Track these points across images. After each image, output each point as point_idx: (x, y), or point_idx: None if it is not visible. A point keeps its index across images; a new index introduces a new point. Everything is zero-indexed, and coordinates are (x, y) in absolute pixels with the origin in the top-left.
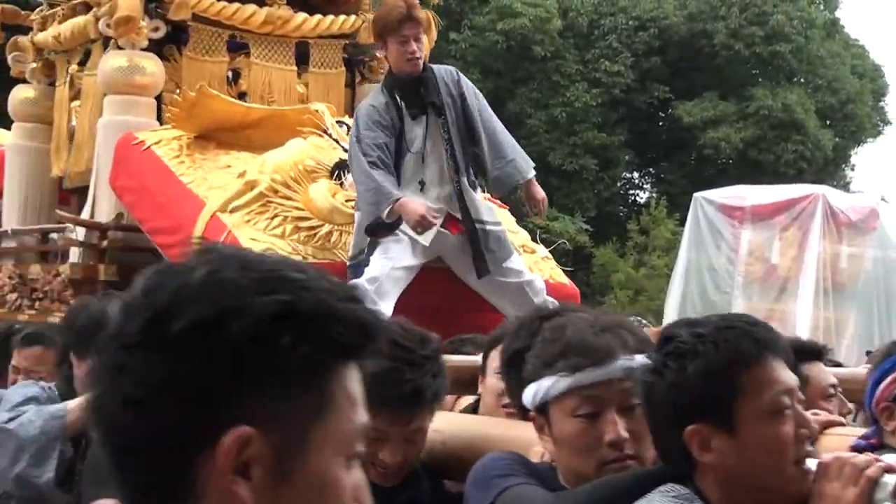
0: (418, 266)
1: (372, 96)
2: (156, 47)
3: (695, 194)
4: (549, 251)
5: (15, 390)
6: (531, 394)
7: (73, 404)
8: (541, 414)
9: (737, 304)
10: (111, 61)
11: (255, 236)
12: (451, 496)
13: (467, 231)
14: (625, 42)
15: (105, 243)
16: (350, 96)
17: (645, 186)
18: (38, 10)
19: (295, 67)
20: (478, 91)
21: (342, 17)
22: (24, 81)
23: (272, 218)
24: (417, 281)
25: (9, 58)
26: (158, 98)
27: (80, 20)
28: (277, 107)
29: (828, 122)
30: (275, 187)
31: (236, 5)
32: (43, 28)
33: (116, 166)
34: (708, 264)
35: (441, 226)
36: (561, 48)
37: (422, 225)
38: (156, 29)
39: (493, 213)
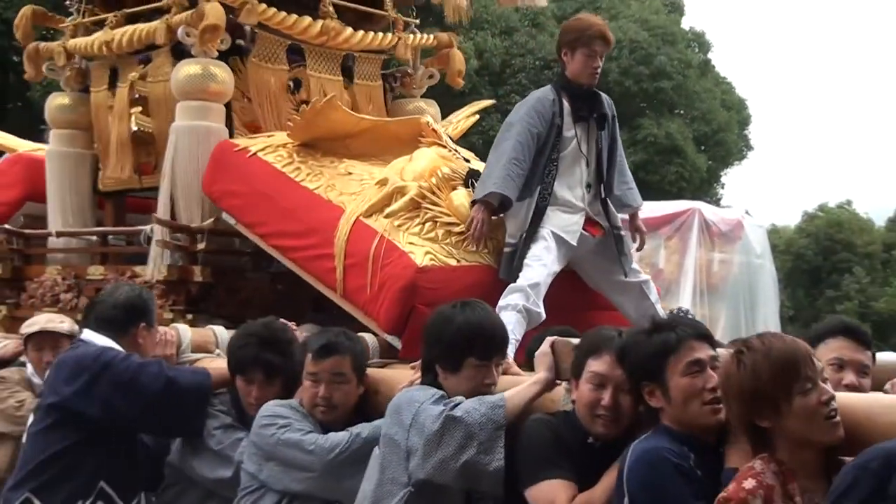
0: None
1: (542, 91)
2: (221, 57)
3: None
4: None
5: (420, 392)
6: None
7: (510, 394)
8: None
9: None
10: (185, 69)
11: (412, 240)
12: None
13: (612, 235)
14: (532, 79)
15: (201, 246)
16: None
17: None
18: (71, 18)
19: (341, 78)
20: None
21: (381, 34)
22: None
23: (424, 223)
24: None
25: (27, 61)
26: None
27: (145, 27)
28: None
29: (702, 148)
30: (424, 194)
31: (295, 16)
32: (75, 35)
33: (214, 172)
34: None
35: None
36: (477, 84)
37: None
38: (222, 41)
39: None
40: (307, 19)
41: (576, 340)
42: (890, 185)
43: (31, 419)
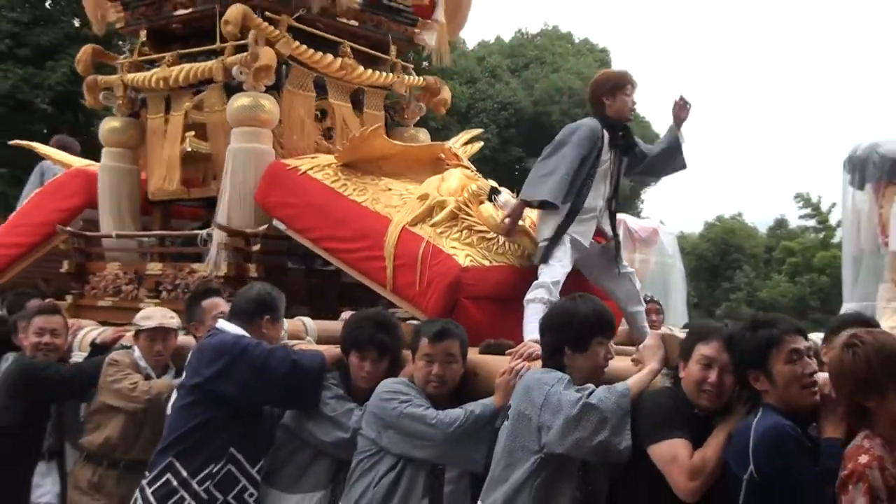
0: None
1: (592, 122)
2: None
3: None
4: None
5: (546, 375)
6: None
7: (631, 383)
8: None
9: None
10: (240, 101)
11: (454, 245)
12: None
13: (613, 241)
14: (492, 119)
15: (257, 247)
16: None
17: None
18: (123, 55)
19: (350, 106)
20: None
21: (385, 73)
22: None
23: (462, 231)
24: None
25: (87, 91)
26: None
27: (201, 65)
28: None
29: None
30: (460, 206)
31: (321, 53)
32: (131, 70)
33: (268, 186)
34: None
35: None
36: (448, 122)
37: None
38: None
39: None
40: (330, 56)
41: (681, 335)
42: (770, 201)
43: (173, 396)
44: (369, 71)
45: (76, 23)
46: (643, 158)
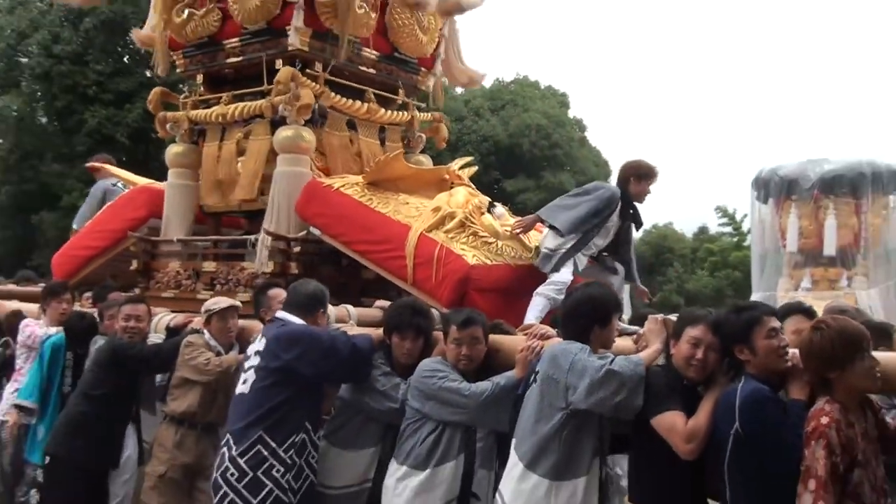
0: None
1: (616, 191)
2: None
3: None
4: None
5: (570, 345)
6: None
7: (644, 356)
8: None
9: None
10: (284, 132)
11: (463, 248)
12: None
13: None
14: (475, 149)
15: (297, 249)
16: None
17: None
18: (184, 95)
19: (378, 141)
20: None
21: (400, 112)
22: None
23: (468, 236)
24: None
25: (158, 125)
26: None
27: (252, 104)
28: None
29: None
30: (467, 216)
31: (351, 101)
32: (193, 107)
33: (307, 200)
34: None
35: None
36: (440, 152)
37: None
38: None
39: None
40: (358, 102)
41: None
42: (695, 212)
43: (252, 377)
44: (389, 112)
45: (148, 73)
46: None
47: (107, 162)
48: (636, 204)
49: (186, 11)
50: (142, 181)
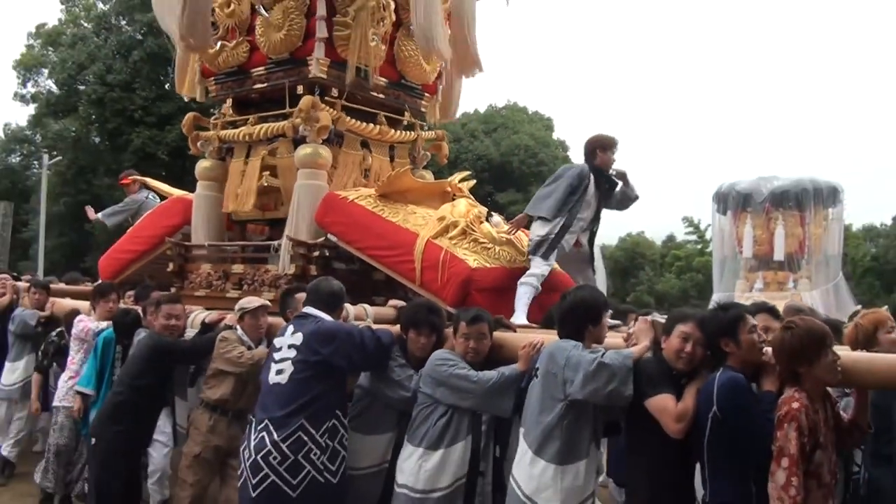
0: None
1: (584, 168)
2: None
3: None
4: None
5: (564, 343)
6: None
7: (634, 351)
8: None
9: None
10: (305, 150)
11: (465, 253)
12: None
13: (589, 249)
14: (471, 166)
15: (316, 253)
16: None
17: None
18: (214, 117)
19: (388, 158)
20: None
21: (407, 131)
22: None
23: (470, 243)
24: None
25: (191, 143)
26: None
27: (276, 124)
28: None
29: None
30: (469, 224)
31: (364, 123)
32: (222, 128)
33: (325, 210)
34: None
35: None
36: (440, 168)
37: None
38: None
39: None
40: (371, 124)
41: (663, 320)
42: (664, 222)
43: (290, 368)
44: (398, 132)
45: (186, 98)
46: (614, 196)
47: (135, 177)
48: (607, 174)
49: (219, 44)
50: (176, 192)
